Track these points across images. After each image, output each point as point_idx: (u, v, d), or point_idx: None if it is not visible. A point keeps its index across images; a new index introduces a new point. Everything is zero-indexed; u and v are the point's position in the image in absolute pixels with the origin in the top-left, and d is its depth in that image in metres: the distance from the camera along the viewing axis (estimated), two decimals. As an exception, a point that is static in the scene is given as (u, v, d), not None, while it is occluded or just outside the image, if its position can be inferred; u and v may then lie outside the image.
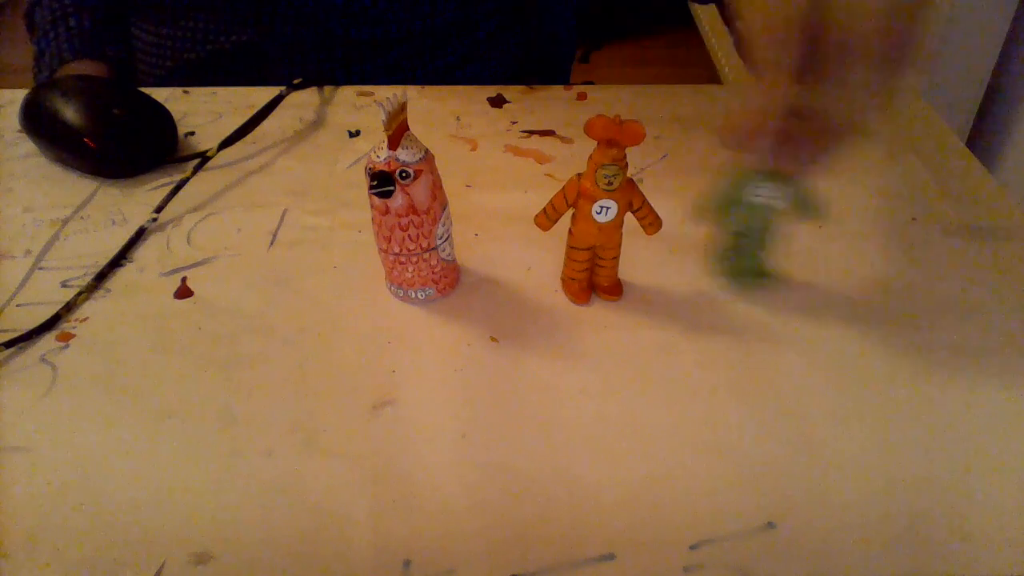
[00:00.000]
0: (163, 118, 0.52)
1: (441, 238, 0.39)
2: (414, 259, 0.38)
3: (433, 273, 0.40)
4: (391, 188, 0.35)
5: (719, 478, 0.33)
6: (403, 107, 0.34)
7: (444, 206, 0.38)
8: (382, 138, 0.35)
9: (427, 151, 0.36)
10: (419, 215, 0.37)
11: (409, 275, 0.39)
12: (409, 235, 0.37)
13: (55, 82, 0.51)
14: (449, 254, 0.40)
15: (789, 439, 0.34)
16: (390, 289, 0.41)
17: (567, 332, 0.39)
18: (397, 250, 0.38)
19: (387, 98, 0.33)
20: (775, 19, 0.31)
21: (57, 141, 0.49)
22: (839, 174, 0.50)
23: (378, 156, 0.35)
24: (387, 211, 0.36)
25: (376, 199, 0.36)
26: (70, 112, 0.48)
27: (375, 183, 0.35)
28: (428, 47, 0.64)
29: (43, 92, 0.50)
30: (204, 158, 0.50)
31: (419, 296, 0.40)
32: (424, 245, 0.38)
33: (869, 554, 0.30)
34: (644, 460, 0.34)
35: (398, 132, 0.35)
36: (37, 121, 0.50)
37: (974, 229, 0.46)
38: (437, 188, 0.37)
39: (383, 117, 0.34)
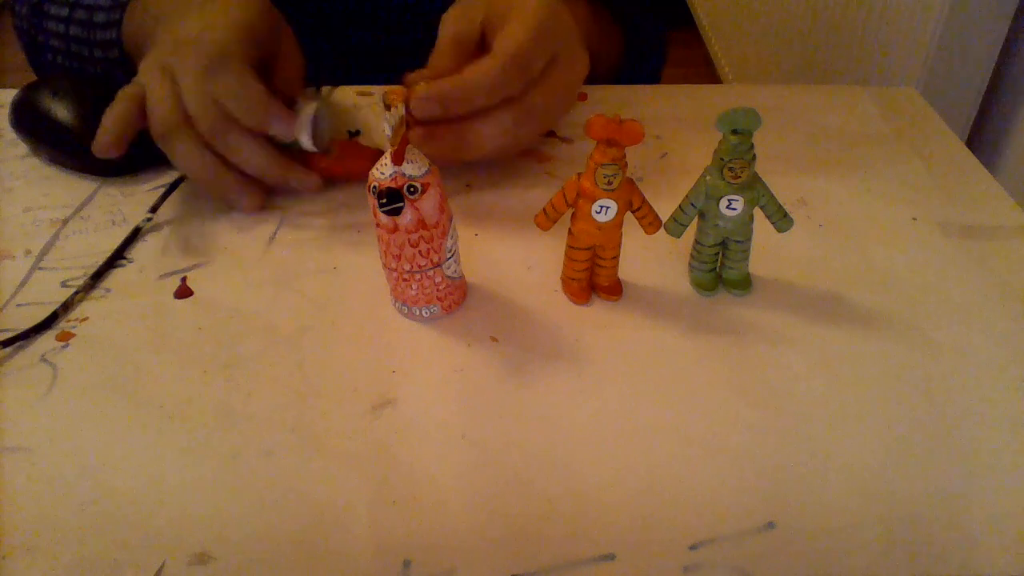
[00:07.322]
0: None
1: (450, 252, 0.38)
2: (417, 276, 0.38)
3: (438, 290, 0.39)
4: (401, 204, 0.35)
5: (719, 478, 0.33)
6: (403, 120, 0.34)
7: (451, 218, 0.38)
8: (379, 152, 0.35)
9: (431, 163, 0.36)
10: (428, 229, 0.36)
11: (414, 292, 0.39)
12: (420, 251, 0.37)
13: (46, 81, 0.51)
14: (455, 271, 0.40)
15: (789, 439, 0.34)
16: (395, 306, 0.41)
17: (567, 332, 0.39)
18: (408, 267, 0.37)
19: (388, 110, 0.33)
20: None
21: (49, 140, 0.49)
22: (839, 174, 0.51)
23: (382, 173, 0.35)
24: (396, 228, 0.36)
25: (384, 217, 0.35)
26: (61, 111, 0.48)
27: (384, 201, 0.35)
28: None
29: (34, 91, 0.50)
30: None
31: (424, 314, 0.40)
32: (435, 260, 0.37)
33: (869, 554, 0.30)
34: (644, 460, 0.34)
35: (402, 145, 0.34)
36: (28, 120, 0.50)
37: (974, 229, 0.46)
38: (444, 200, 0.37)
39: (388, 132, 0.33)
